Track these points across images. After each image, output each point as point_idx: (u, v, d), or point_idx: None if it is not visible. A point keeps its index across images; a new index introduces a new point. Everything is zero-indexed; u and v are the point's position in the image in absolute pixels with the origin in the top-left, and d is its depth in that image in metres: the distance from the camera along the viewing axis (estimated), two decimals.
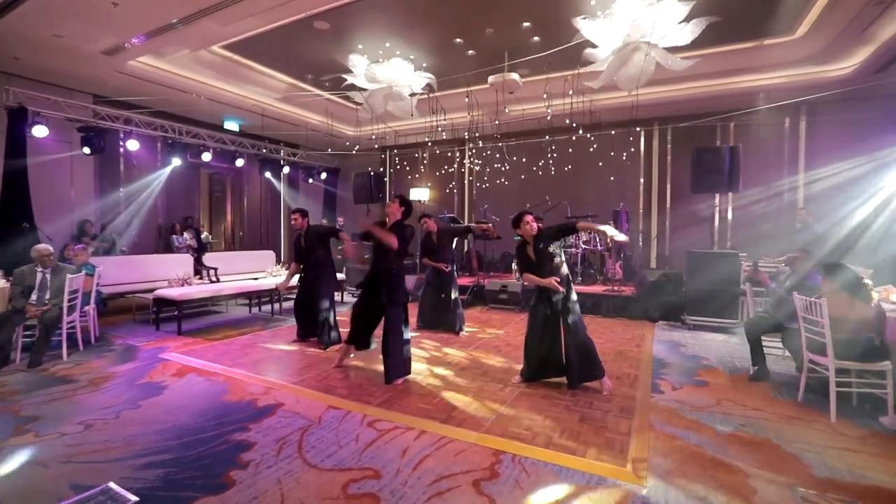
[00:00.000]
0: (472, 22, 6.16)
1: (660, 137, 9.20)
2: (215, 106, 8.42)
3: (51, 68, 6.50)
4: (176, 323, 5.55)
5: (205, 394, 3.51)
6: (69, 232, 7.58)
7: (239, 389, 3.60)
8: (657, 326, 6.20)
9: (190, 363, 4.30)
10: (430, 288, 5.78)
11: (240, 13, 5.04)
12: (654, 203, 9.27)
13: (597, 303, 6.95)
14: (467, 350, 4.90)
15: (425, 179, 11.72)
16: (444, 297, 5.69)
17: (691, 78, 7.51)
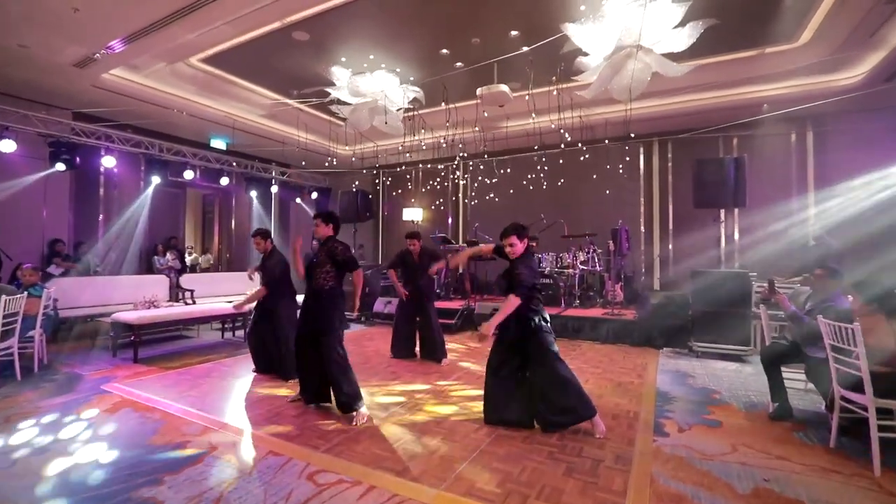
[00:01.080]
0: (457, 31, 5.89)
1: (660, 152, 8.83)
2: (199, 123, 8.19)
3: (26, 82, 6.29)
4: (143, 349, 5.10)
5: (130, 434, 3.01)
6: (39, 252, 7.23)
7: (172, 429, 3.10)
8: (661, 354, 5.64)
9: (131, 396, 3.81)
10: (402, 312, 5.31)
11: (205, 20, 4.78)
12: (656, 221, 8.82)
13: (595, 327, 6.41)
14: (447, 381, 4.38)
15: (418, 199, 11.38)
16: (419, 320, 5.21)
17: (690, 90, 7.19)
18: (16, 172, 6.64)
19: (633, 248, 8.39)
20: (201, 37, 5.56)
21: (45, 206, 7.32)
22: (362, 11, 5.35)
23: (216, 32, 5.48)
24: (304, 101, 7.91)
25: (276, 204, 11.71)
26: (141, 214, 8.89)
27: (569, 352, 5.67)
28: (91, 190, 8.07)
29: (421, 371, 4.77)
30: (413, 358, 5.27)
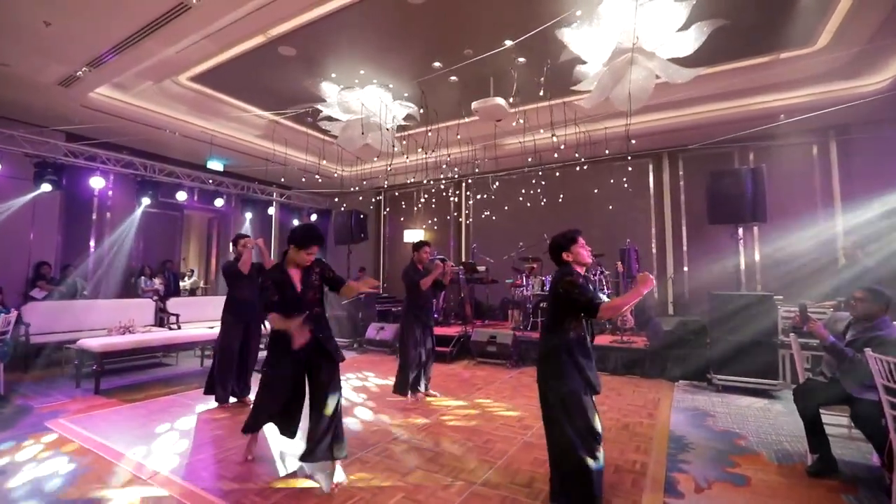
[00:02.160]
0: (448, 42, 5.63)
1: (670, 168, 8.35)
2: (195, 144, 8.05)
3: (14, 102, 6.21)
4: (105, 378, 4.72)
5: (44, 484, 2.58)
6: (24, 275, 7.03)
7: (95, 478, 2.66)
8: (677, 387, 5.02)
9: (70, 434, 3.40)
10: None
11: (177, 34, 4.61)
12: (669, 240, 8.26)
13: (603, 356, 5.82)
14: (427, 420, 3.87)
15: (420, 220, 11.05)
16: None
17: (699, 101, 6.78)
18: (3, 194, 6.51)
19: (644, 269, 7.82)
20: (184, 54, 5.41)
21: (33, 228, 7.17)
22: (346, 23, 5.13)
23: (198, 49, 5.32)
24: (296, 120, 7.73)
25: (276, 226, 11.51)
26: (135, 237, 8.73)
27: None
28: (82, 212, 7.93)
29: (400, 408, 4.26)
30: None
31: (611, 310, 2.18)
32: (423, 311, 4.59)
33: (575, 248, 2.42)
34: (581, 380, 2.26)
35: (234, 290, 4.20)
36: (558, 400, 2.26)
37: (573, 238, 2.44)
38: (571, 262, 2.40)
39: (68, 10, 4.25)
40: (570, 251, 2.42)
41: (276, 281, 2.79)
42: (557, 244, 2.46)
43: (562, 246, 2.44)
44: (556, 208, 8.94)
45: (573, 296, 2.24)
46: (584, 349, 2.32)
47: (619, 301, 2.19)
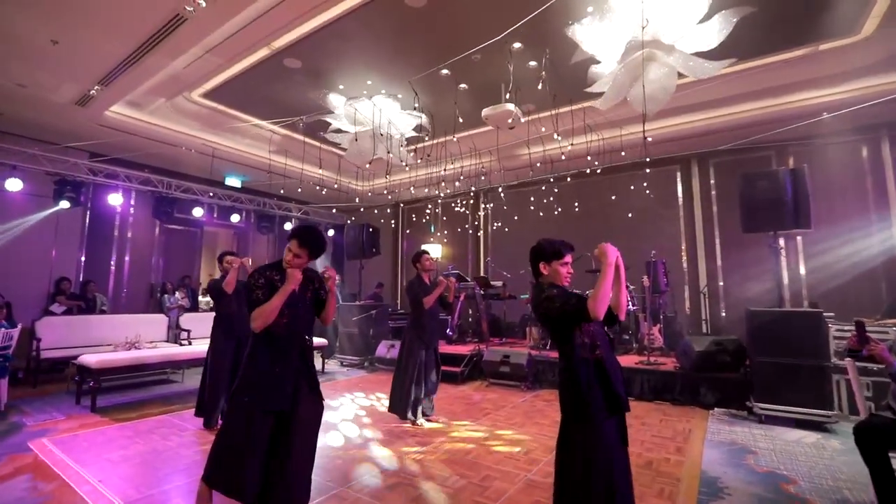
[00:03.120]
0: (454, 48, 5.41)
1: (700, 174, 7.78)
2: (209, 160, 8.15)
3: (36, 123, 6.43)
4: (107, 394, 4.64)
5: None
6: (45, 290, 7.18)
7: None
8: (712, 416, 4.45)
9: (47, 456, 3.24)
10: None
11: (179, 46, 4.58)
12: (700, 252, 7.64)
13: (627, 380, 5.28)
14: (422, 449, 3.51)
15: (436, 234, 10.79)
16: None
17: (730, 101, 6.28)
18: (21, 211, 6.70)
19: (673, 283, 7.24)
20: (192, 69, 5.45)
21: (56, 244, 7.35)
22: (347, 32, 5.01)
23: (205, 64, 5.34)
24: (310, 134, 7.69)
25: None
26: (154, 253, 8.87)
27: None
28: (104, 229, 8.10)
29: (397, 434, 3.92)
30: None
31: (597, 302, 1.81)
32: (427, 330, 4.26)
33: (555, 265, 2.07)
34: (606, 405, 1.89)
35: (221, 306, 4.02)
36: (581, 455, 1.86)
37: (558, 252, 2.08)
38: (547, 276, 2.06)
39: (72, 28, 4.31)
40: (549, 265, 2.08)
41: (270, 280, 2.26)
42: (538, 251, 2.12)
43: (541, 256, 2.10)
44: (577, 219, 8.51)
45: (555, 311, 1.92)
46: (599, 367, 1.95)
47: (597, 292, 1.83)
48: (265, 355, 2.24)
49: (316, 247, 2.33)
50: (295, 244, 2.30)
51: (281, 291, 2.20)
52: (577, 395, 1.91)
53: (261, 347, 2.25)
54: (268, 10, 4.29)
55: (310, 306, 2.43)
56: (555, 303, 1.94)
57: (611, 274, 1.87)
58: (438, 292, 4.22)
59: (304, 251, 2.30)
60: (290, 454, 2.16)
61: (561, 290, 2.01)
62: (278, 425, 2.19)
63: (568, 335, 1.96)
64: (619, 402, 1.94)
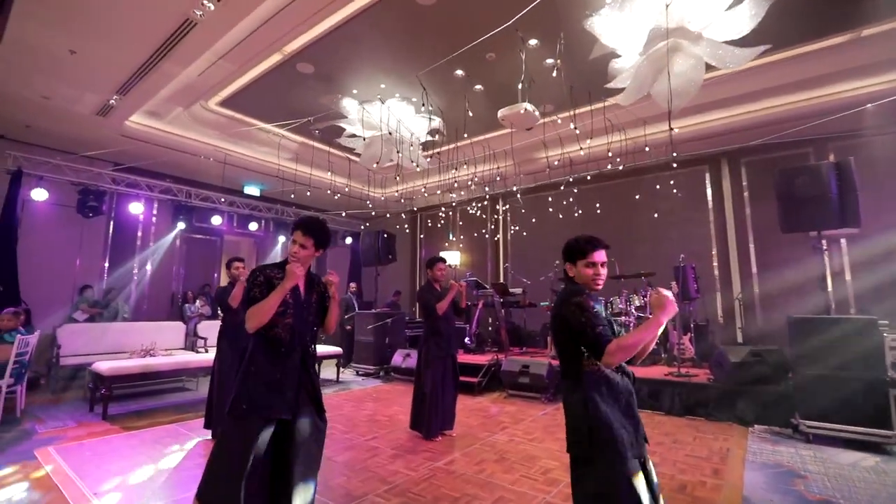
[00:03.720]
0: (467, 46, 5.26)
1: (731, 174, 7.36)
2: (227, 168, 8.23)
3: (59, 134, 6.61)
4: (121, 402, 4.62)
5: None
6: (69, 298, 7.33)
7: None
8: (752, 434, 4.06)
9: (52, 465, 3.17)
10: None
11: (191, 52, 4.59)
12: (734, 256, 7.18)
13: (657, 392, 4.94)
14: (434, 465, 3.28)
15: (455, 241, 10.61)
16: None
17: (763, 94, 5.92)
18: (46, 220, 6.87)
19: (705, 290, 6.81)
20: (207, 77, 5.47)
21: (80, 253, 7.51)
22: (357, 34, 4.93)
23: (219, 70, 5.35)
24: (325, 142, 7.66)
25: None
26: (175, 261, 9.00)
27: None
28: (126, 237, 8.26)
29: (409, 447, 3.70)
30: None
31: (622, 351, 1.53)
32: (444, 337, 4.06)
33: (580, 266, 1.78)
34: (623, 444, 1.57)
35: (228, 314, 3.92)
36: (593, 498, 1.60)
37: (582, 251, 1.79)
38: (574, 278, 1.81)
39: (87, 37, 4.37)
40: (574, 265, 1.80)
41: (270, 279, 2.11)
42: (564, 250, 1.86)
43: (567, 255, 1.84)
44: (599, 223, 8.17)
45: (578, 324, 1.63)
46: (615, 392, 1.66)
47: (631, 338, 1.54)
48: (265, 359, 2.08)
49: (321, 235, 2.17)
50: (299, 234, 2.14)
51: (279, 288, 2.04)
52: (583, 422, 1.62)
53: (260, 351, 2.10)
54: (276, 13, 4.24)
55: (315, 310, 2.24)
56: (583, 314, 1.63)
57: (655, 332, 1.57)
58: (451, 297, 4.03)
59: (309, 240, 2.14)
60: (292, 472, 1.98)
61: (597, 311, 1.67)
62: (278, 439, 2.02)
63: (580, 354, 1.69)
64: (631, 434, 1.63)
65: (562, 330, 1.71)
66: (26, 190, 6.19)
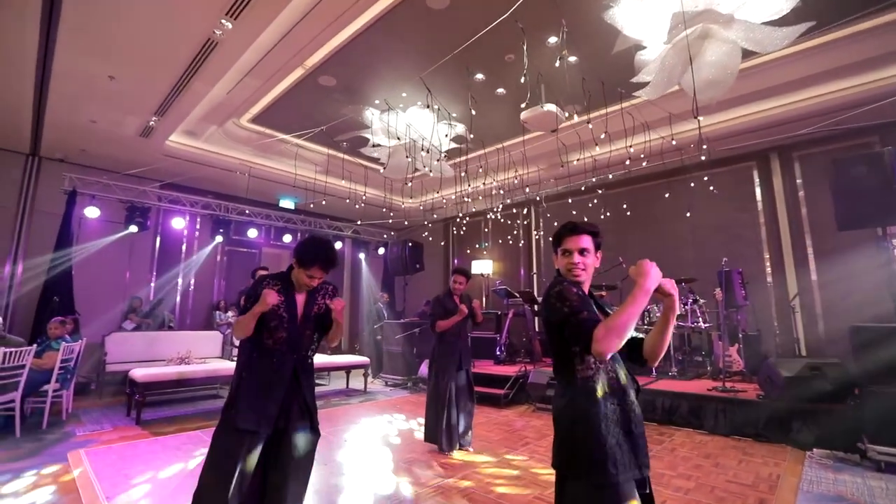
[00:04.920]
0: (483, 49, 5.16)
1: (783, 170, 6.73)
2: (263, 183, 8.55)
3: (108, 156, 7.12)
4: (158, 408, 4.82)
5: None
6: (120, 309, 7.82)
7: None
8: (809, 459, 3.57)
9: (78, 468, 3.31)
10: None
11: (217, 70, 4.78)
12: (789, 259, 6.53)
13: (698, 409, 4.50)
14: (446, 481, 3.11)
15: (487, 249, 10.42)
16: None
17: (814, 81, 5.38)
18: (98, 236, 7.38)
19: (756, 297, 6.22)
20: (235, 94, 5.71)
21: (129, 267, 8.02)
22: (374, 44, 4.96)
23: (245, 88, 5.57)
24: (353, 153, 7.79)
25: (348, 261, 11.79)
26: (214, 273, 9.42)
27: (651, 446, 3.93)
28: (172, 251, 8.74)
29: (424, 461, 3.55)
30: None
31: (612, 333, 1.30)
32: (452, 348, 3.90)
33: (558, 254, 1.63)
34: (615, 464, 1.35)
35: None
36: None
37: (556, 238, 1.63)
38: (560, 270, 1.62)
39: (123, 63, 4.67)
40: (555, 253, 1.64)
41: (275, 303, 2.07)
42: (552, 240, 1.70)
43: (552, 245, 1.68)
44: (635, 228, 7.77)
45: (561, 315, 1.43)
46: (611, 403, 1.44)
47: (618, 317, 1.32)
48: (255, 370, 2.06)
49: (321, 259, 2.07)
50: (317, 269, 2.08)
51: (251, 313, 2.00)
52: (571, 428, 1.43)
53: (255, 359, 2.07)
54: (291, 29, 4.35)
55: (314, 324, 2.16)
56: (562, 303, 1.45)
57: (641, 302, 1.34)
58: (455, 320, 3.85)
59: (319, 271, 2.09)
60: (281, 486, 1.95)
61: (581, 295, 1.49)
62: (268, 451, 1.99)
63: (573, 354, 1.49)
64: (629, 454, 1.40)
65: (548, 329, 1.53)
66: (80, 208, 6.69)
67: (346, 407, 5.77)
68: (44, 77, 4.96)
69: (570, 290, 1.48)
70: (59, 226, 6.65)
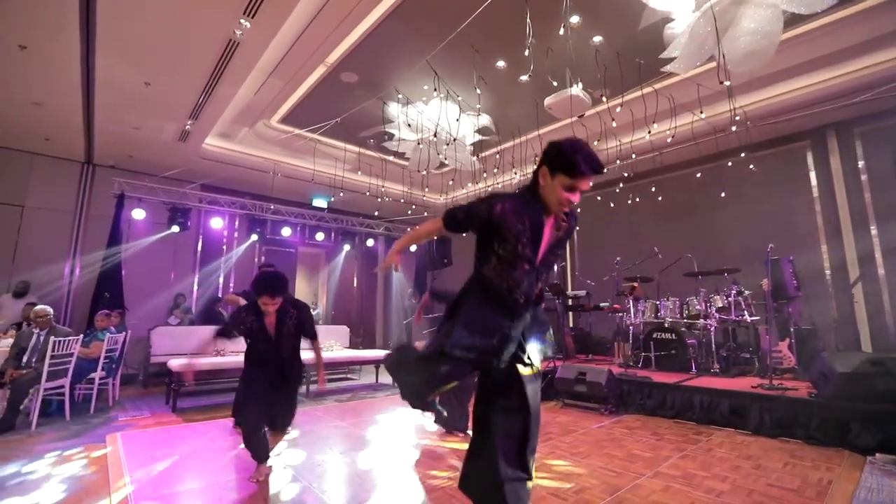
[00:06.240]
0: (503, 35, 5.02)
1: (841, 150, 6.11)
2: (296, 183, 8.79)
3: (152, 161, 7.55)
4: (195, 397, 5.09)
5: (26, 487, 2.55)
6: (166, 305, 8.30)
7: (82, 493, 2.55)
8: (870, 465, 3.17)
9: (113, 447, 3.50)
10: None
11: (240, 71, 4.94)
12: (850, 247, 5.91)
13: (741, 408, 4.14)
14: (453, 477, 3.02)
15: None
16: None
17: (875, 45, 4.82)
18: (145, 236, 7.87)
19: (811, 288, 5.68)
20: (262, 95, 5.91)
21: (174, 265, 8.50)
22: (389, 37, 4.96)
23: (271, 89, 5.74)
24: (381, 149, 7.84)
25: (382, 258, 11.91)
26: (253, 271, 9.78)
27: (685, 445, 3.65)
28: (213, 250, 9.17)
29: (436, 452, 3.47)
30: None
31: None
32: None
33: (555, 176, 1.63)
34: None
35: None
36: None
37: (573, 166, 1.57)
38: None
39: (156, 69, 4.92)
40: (550, 174, 1.62)
41: (247, 327, 2.81)
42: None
43: (556, 161, 1.64)
44: (674, 216, 7.33)
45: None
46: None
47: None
48: (251, 366, 2.99)
49: (267, 287, 2.72)
50: (267, 299, 2.74)
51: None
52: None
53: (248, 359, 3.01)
54: (308, 25, 4.42)
55: (292, 336, 2.91)
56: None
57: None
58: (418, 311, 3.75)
59: (265, 298, 2.71)
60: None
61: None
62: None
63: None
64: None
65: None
66: (128, 210, 7.15)
67: (372, 400, 5.80)
68: (89, 88, 5.33)
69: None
70: (110, 228, 7.14)
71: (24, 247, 7.05)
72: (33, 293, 6.56)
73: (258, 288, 2.71)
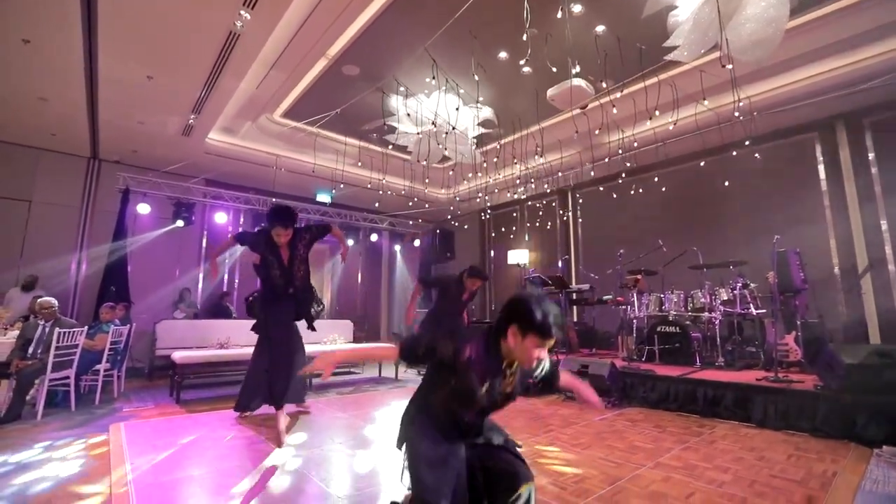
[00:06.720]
0: (503, 24, 4.97)
1: (850, 141, 6.00)
2: (299, 178, 8.80)
3: (156, 156, 7.59)
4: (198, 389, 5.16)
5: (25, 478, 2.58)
6: (171, 300, 8.36)
7: (79, 479, 2.57)
8: (877, 458, 3.12)
9: (114, 436, 3.53)
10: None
11: (242, 63, 4.94)
12: (859, 240, 5.81)
13: (745, 400, 4.09)
14: None
15: (523, 239, 10.15)
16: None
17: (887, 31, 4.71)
18: (150, 231, 7.93)
19: (818, 280, 5.60)
20: (264, 88, 5.91)
21: (179, 260, 8.56)
22: (389, 28, 4.92)
23: (273, 81, 5.74)
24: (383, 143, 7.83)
25: (385, 253, 11.89)
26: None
27: (688, 437, 3.61)
28: (217, 245, 9.19)
29: None
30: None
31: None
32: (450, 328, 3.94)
33: (525, 336, 1.60)
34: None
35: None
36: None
37: (543, 329, 1.54)
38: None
39: (157, 63, 4.94)
40: (519, 335, 1.59)
41: (263, 257, 3.41)
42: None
43: (521, 324, 1.62)
44: (679, 211, 7.26)
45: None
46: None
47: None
48: (264, 294, 3.78)
49: (279, 217, 3.22)
50: (280, 230, 3.34)
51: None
52: None
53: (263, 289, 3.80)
54: (308, 16, 4.40)
55: (304, 261, 3.55)
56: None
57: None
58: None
59: (278, 228, 3.23)
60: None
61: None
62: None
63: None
64: None
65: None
66: (133, 205, 7.21)
67: (374, 393, 5.81)
68: (92, 83, 5.36)
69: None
70: (116, 222, 7.20)
71: (32, 241, 7.13)
72: (41, 287, 6.63)
73: (272, 218, 3.17)
